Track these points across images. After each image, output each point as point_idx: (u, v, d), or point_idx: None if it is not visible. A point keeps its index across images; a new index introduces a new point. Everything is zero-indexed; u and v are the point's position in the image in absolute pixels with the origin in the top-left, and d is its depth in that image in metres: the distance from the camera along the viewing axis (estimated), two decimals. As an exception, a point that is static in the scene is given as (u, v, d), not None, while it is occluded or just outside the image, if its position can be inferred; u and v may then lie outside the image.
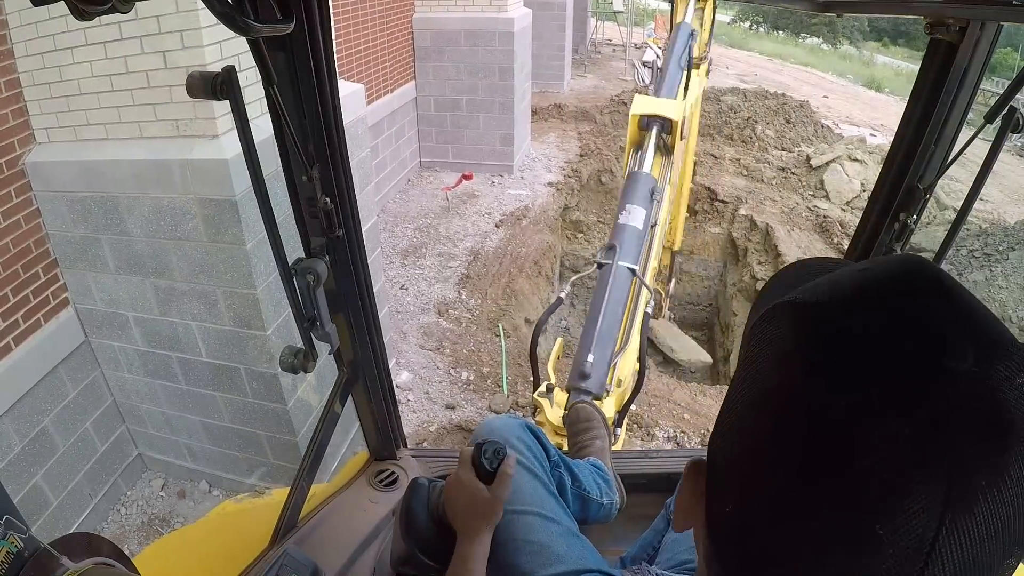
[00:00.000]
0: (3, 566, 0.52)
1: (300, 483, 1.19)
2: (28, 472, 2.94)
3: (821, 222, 7.08)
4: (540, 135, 9.51)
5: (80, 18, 0.48)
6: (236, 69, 0.70)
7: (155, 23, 2.44)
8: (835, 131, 10.28)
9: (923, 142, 1.02)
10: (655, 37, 18.64)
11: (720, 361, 6.49)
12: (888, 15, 1.24)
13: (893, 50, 28.49)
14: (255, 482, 3.58)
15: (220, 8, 0.57)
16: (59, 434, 3.11)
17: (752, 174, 8.10)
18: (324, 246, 1.00)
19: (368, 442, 1.51)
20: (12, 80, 2.72)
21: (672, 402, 4.41)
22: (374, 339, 1.26)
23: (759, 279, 6.34)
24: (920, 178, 1.06)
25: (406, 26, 7.33)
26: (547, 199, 7.56)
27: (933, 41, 0.94)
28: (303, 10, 0.77)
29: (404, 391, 4.46)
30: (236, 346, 3.07)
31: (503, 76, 7.54)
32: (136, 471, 3.74)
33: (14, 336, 2.83)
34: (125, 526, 3.47)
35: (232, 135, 2.65)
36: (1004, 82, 12.66)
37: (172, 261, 2.90)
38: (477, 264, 6.17)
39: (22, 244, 2.86)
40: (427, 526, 1.00)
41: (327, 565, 1.18)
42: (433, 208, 7.28)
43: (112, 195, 2.82)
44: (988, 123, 0.92)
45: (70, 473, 3.19)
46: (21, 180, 2.83)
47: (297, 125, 0.88)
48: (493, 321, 5.39)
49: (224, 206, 2.70)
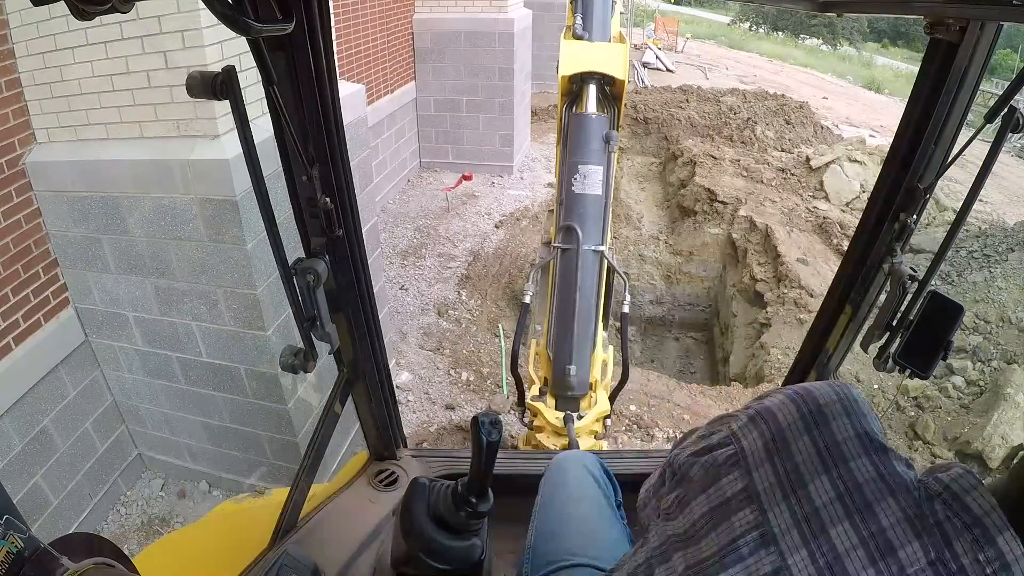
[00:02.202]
0: (3, 566, 0.52)
1: (300, 483, 1.19)
2: (28, 472, 2.94)
3: (821, 223, 7.07)
4: (540, 136, 9.51)
5: (80, 18, 0.49)
6: (236, 69, 0.70)
7: (156, 23, 2.44)
8: (835, 132, 10.28)
9: (923, 142, 1.02)
10: (655, 38, 18.68)
11: (720, 362, 6.49)
12: (888, 15, 1.24)
13: (893, 51, 28.50)
14: (255, 482, 3.58)
15: (220, 8, 0.57)
16: (59, 434, 3.10)
17: (752, 175, 8.09)
18: (324, 246, 1.01)
19: (368, 442, 1.51)
20: (13, 80, 2.71)
21: (672, 403, 4.40)
22: (374, 339, 1.26)
23: (758, 280, 6.34)
24: (920, 178, 1.06)
25: (406, 26, 7.33)
26: (547, 200, 7.56)
27: (933, 41, 0.94)
28: (303, 10, 0.77)
29: (404, 391, 4.46)
30: (236, 346, 3.07)
31: (503, 77, 7.54)
32: (136, 471, 3.74)
33: (14, 336, 2.83)
34: (125, 526, 3.46)
35: (233, 135, 2.65)
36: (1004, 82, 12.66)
37: (172, 261, 2.90)
38: (477, 265, 6.17)
39: (22, 244, 2.86)
40: (427, 526, 1.00)
41: (327, 565, 1.18)
42: (433, 208, 7.28)
43: (112, 195, 2.82)
44: (988, 123, 0.92)
45: (70, 473, 3.19)
46: (22, 180, 2.83)
47: (297, 125, 0.88)
48: (493, 322, 5.39)
49: (224, 206, 2.70)
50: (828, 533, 0.52)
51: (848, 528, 0.52)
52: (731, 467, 0.60)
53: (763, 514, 0.56)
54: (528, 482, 1.32)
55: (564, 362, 2.14)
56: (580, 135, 2.19)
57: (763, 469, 0.58)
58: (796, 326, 5.33)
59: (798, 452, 0.57)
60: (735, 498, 0.58)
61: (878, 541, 0.50)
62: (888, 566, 0.49)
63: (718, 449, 0.63)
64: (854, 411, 0.58)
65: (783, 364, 4.91)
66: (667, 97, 10.61)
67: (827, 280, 5.63)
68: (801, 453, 0.57)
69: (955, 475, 0.52)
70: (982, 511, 0.49)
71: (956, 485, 0.51)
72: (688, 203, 7.73)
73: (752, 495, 0.57)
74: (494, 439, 0.91)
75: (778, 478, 0.57)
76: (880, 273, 1.14)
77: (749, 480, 0.58)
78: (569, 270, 2.14)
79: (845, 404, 0.59)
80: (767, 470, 0.58)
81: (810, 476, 0.55)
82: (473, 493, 0.97)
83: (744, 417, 0.64)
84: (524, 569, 1.12)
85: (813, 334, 1.35)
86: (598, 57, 2.26)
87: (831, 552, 0.52)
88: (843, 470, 0.54)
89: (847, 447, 0.56)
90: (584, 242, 2.12)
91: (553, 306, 2.23)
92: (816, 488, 0.54)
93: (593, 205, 2.16)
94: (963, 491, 0.50)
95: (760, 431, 0.61)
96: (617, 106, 2.30)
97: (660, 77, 14.24)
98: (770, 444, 0.59)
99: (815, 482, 0.55)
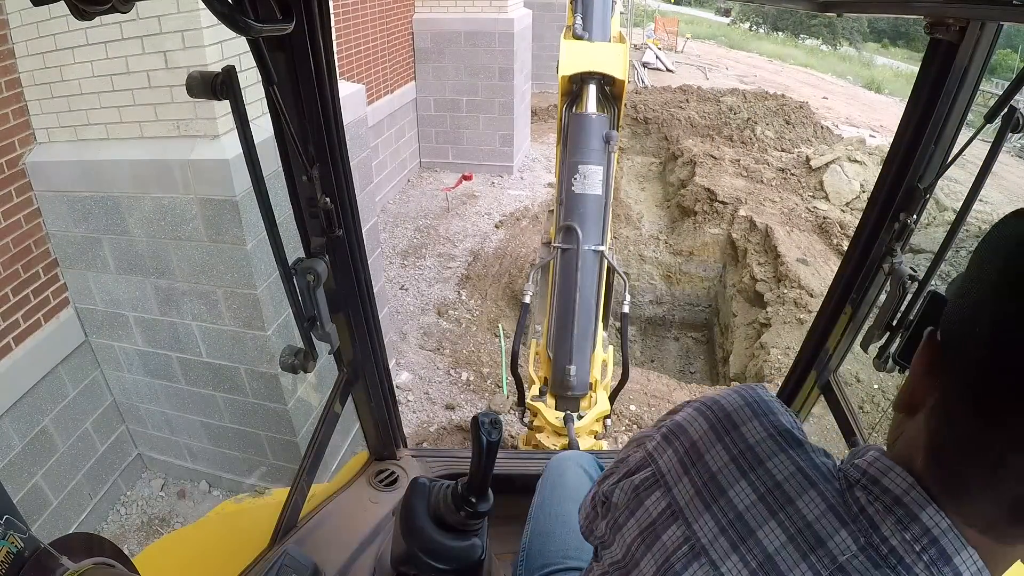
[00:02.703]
0: (3, 566, 0.52)
1: (300, 483, 1.19)
2: (28, 472, 2.94)
3: (821, 223, 7.07)
4: (540, 136, 9.51)
5: (80, 18, 0.49)
6: (236, 69, 0.70)
7: (156, 23, 2.45)
8: (835, 132, 10.28)
9: (923, 142, 1.02)
10: (655, 38, 18.69)
11: (720, 362, 6.49)
12: (888, 15, 1.24)
13: (892, 51, 28.52)
14: (255, 482, 3.58)
15: (220, 8, 0.57)
16: (59, 434, 3.11)
17: (752, 175, 8.09)
18: (324, 246, 1.01)
19: (368, 442, 1.51)
20: (13, 80, 2.72)
21: (672, 403, 4.40)
22: (374, 339, 1.26)
23: (758, 280, 6.34)
24: (920, 178, 1.06)
25: (406, 26, 7.33)
26: (547, 200, 7.56)
27: (933, 41, 0.94)
28: (303, 10, 0.77)
29: (404, 391, 4.46)
30: (236, 346, 3.07)
31: (503, 77, 7.55)
32: (136, 471, 3.74)
33: (14, 336, 2.83)
34: (125, 526, 3.46)
35: (233, 135, 2.65)
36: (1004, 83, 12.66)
37: (172, 261, 2.90)
38: (477, 265, 6.17)
39: (22, 244, 2.86)
40: (427, 526, 1.00)
41: (327, 565, 1.18)
42: (433, 209, 7.28)
43: (113, 195, 2.82)
44: (988, 123, 0.92)
45: (70, 473, 3.19)
46: (22, 180, 2.83)
47: (297, 125, 0.88)
48: (493, 322, 5.39)
49: (225, 206, 2.70)
50: (755, 535, 0.52)
51: (775, 527, 0.52)
52: (652, 487, 0.60)
53: (689, 527, 0.56)
54: (528, 482, 1.32)
55: (564, 362, 2.13)
56: (580, 135, 2.18)
57: (682, 484, 0.58)
58: (796, 326, 5.33)
59: (713, 462, 0.57)
60: (660, 517, 0.58)
61: (806, 535, 0.50)
62: (820, 558, 0.49)
63: (636, 472, 0.63)
64: (763, 411, 0.58)
65: (783, 364, 4.91)
66: (667, 97, 10.62)
67: (827, 280, 5.63)
68: (716, 462, 0.57)
69: (871, 459, 0.52)
70: (901, 490, 0.48)
71: (873, 469, 0.51)
72: (688, 203, 7.72)
73: (676, 511, 0.57)
74: (494, 439, 0.91)
75: (697, 490, 0.57)
76: (880, 273, 1.14)
77: (671, 497, 0.58)
78: (569, 270, 2.14)
79: (753, 407, 0.59)
80: (686, 484, 0.58)
81: (728, 483, 0.55)
82: (473, 493, 0.97)
83: (658, 436, 0.64)
84: (519, 570, 1.12)
85: (813, 334, 1.35)
86: (598, 57, 2.26)
87: (762, 553, 0.51)
88: (760, 471, 0.54)
89: (761, 448, 0.56)
90: (584, 242, 2.12)
91: (553, 306, 2.23)
92: (736, 493, 0.54)
93: (593, 205, 2.16)
94: (880, 474, 0.50)
95: (674, 448, 0.61)
96: (617, 106, 2.30)
97: (660, 77, 14.24)
98: (684, 459, 0.59)
99: (734, 488, 0.55)
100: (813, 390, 1.37)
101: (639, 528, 0.60)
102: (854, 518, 0.50)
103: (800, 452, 0.55)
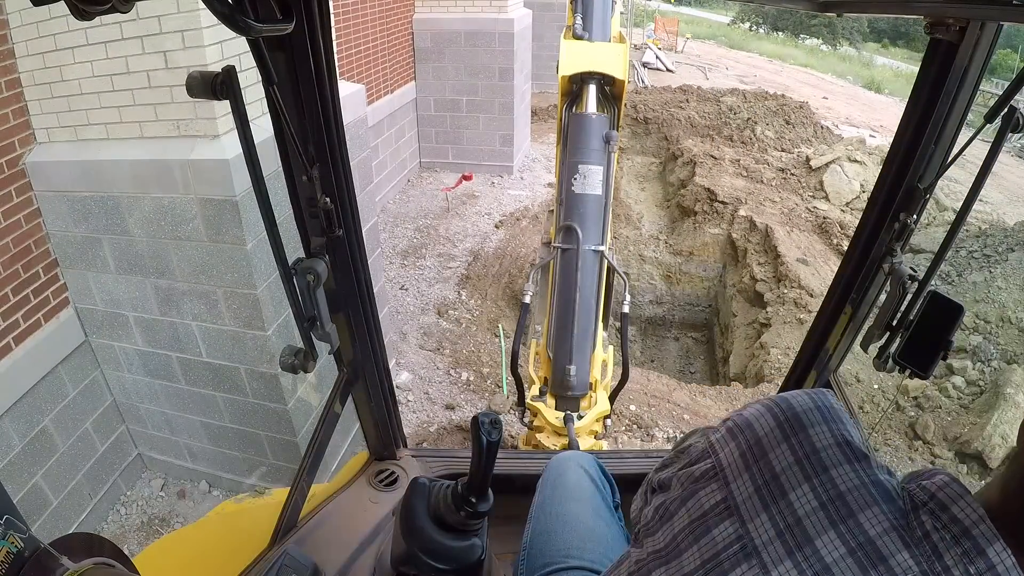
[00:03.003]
0: (3, 566, 0.52)
1: (300, 483, 1.19)
2: (28, 472, 2.94)
3: (821, 223, 7.07)
4: (540, 136, 9.51)
5: (80, 18, 0.49)
6: (236, 69, 0.70)
7: (156, 23, 2.44)
8: (835, 132, 10.28)
9: (923, 142, 1.02)
10: (655, 38, 18.69)
11: (720, 362, 6.49)
12: (888, 15, 1.24)
13: (892, 51, 28.51)
14: (255, 482, 3.58)
15: (220, 8, 0.57)
16: (59, 434, 3.11)
17: (752, 175, 8.09)
18: (324, 246, 1.01)
19: (368, 442, 1.51)
20: (13, 80, 2.72)
21: (672, 403, 4.40)
22: (374, 339, 1.26)
23: (758, 280, 6.34)
24: (920, 178, 1.06)
25: (406, 26, 7.33)
26: (547, 200, 7.56)
27: (933, 41, 0.94)
28: (303, 10, 0.77)
29: (404, 391, 4.46)
30: (236, 346, 3.07)
31: (503, 77, 7.54)
32: (136, 471, 3.74)
33: (14, 336, 2.83)
34: (125, 526, 3.46)
35: (233, 135, 2.65)
36: (1004, 82, 12.66)
37: (172, 261, 2.90)
38: (477, 265, 6.17)
39: (22, 244, 2.86)
40: (427, 526, 1.00)
41: (327, 565, 1.18)
42: (433, 209, 7.28)
43: (113, 195, 2.82)
44: (988, 123, 0.92)
45: (70, 473, 3.19)
46: (22, 180, 2.83)
47: (297, 125, 0.88)
48: (493, 322, 5.39)
49: (225, 206, 2.70)
50: (813, 544, 0.51)
51: (834, 538, 0.51)
52: (709, 480, 0.60)
53: (743, 526, 0.55)
54: (528, 482, 1.32)
55: (564, 362, 2.13)
56: (580, 135, 2.17)
57: (741, 480, 0.57)
58: (796, 326, 5.33)
59: (777, 461, 0.56)
60: (713, 510, 0.57)
61: (867, 550, 0.49)
62: (881, 574, 0.48)
63: (697, 463, 0.62)
64: (833, 418, 0.57)
65: (783, 364, 4.91)
66: (667, 97, 10.62)
67: (827, 280, 5.63)
68: (781, 462, 0.56)
69: (941, 483, 0.51)
70: (971, 522, 0.48)
71: (943, 494, 0.50)
72: (688, 203, 7.73)
73: (731, 507, 0.56)
74: (494, 439, 0.91)
75: (756, 487, 0.55)
76: (880, 273, 1.14)
77: (727, 491, 0.57)
78: (569, 270, 2.13)
79: (823, 411, 0.58)
80: (745, 480, 0.57)
81: (791, 485, 0.54)
82: (473, 493, 0.97)
83: (722, 429, 0.63)
84: (520, 571, 1.12)
85: (813, 334, 1.35)
86: (598, 57, 2.25)
87: (819, 563, 0.50)
88: (824, 478, 0.53)
89: (827, 455, 0.54)
90: (584, 242, 2.12)
91: (553, 306, 2.23)
92: (797, 497, 0.53)
93: (593, 205, 2.16)
94: (950, 501, 0.49)
95: (737, 442, 0.60)
96: (617, 106, 2.29)
97: (660, 77, 14.24)
98: (747, 454, 0.58)
99: (796, 491, 0.53)
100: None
101: (689, 519, 0.59)
102: (917, 542, 0.49)
103: (865, 466, 0.54)
